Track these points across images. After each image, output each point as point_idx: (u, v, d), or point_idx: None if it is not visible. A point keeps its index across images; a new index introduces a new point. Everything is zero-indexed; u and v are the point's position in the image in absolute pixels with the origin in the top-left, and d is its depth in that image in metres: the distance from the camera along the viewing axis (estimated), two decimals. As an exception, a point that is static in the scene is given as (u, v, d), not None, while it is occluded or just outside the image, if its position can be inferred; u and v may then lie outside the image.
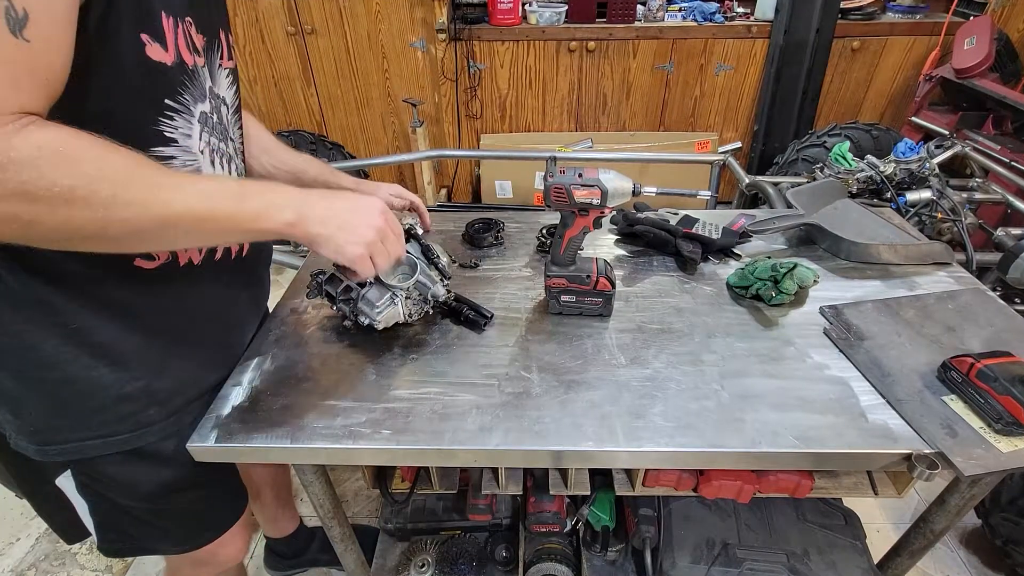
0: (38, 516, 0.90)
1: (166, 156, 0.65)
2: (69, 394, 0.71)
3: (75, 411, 0.72)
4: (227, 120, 0.80)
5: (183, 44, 0.63)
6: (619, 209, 1.21)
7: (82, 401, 0.72)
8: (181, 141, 0.67)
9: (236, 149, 0.84)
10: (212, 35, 0.72)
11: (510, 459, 0.80)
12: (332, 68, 2.78)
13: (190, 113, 0.67)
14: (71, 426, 0.73)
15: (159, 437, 0.78)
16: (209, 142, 0.71)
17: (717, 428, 0.77)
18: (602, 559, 1.21)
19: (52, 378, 0.69)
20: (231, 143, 0.82)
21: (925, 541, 0.96)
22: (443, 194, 3.04)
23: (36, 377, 0.69)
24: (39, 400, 0.71)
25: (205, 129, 0.70)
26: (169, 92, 0.64)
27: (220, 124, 0.75)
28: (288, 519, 1.45)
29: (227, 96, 0.79)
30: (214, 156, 0.72)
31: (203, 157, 0.71)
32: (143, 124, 0.63)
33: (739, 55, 2.69)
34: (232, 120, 0.82)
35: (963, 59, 2.26)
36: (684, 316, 0.98)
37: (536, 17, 2.59)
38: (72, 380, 0.70)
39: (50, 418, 0.72)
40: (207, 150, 0.71)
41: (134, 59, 0.58)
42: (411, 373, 0.87)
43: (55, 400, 0.71)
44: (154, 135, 0.64)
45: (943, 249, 1.12)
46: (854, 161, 1.89)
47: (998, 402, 0.74)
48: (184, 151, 0.67)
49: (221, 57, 0.76)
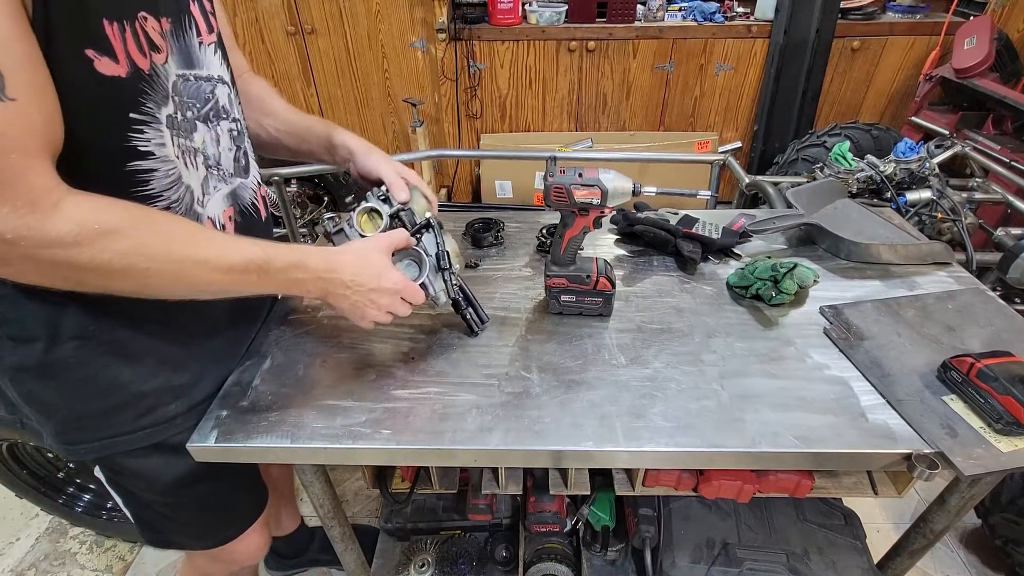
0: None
1: (146, 170, 0.64)
2: (91, 393, 0.72)
3: (98, 409, 0.73)
4: (230, 99, 0.79)
5: (133, 49, 0.59)
6: (619, 209, 1.21)
7: (104, 399, 0.73)
8: (157, 152, 0.64)
9: (242, 127, 0.83)
10: (180, 12, 0.68)
11: (510, 459, 0.80)
12: (332, 68, 2.78)
13: (157, 121, 0.64)
14: (96, 424, 0.74)
15: (181, 430, 0.78)
16: (179, 144, 0.68)
17: (717, 428, 0.77)
18: (602, 559, 1.21)
19: (73, 378, 0.70)
20: (237, 122, 0.81)
21: (925, 541, 0.96)
22: (443, 194, 3.04)
23: (58, 378, 0.70)
24: (63, 401, 0.72)
25: (174, 132, 0.67)
26: (131, 105, 0.60)
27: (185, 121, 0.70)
28: (289, 518, 1.45)
29: (223, 74, 0.77)
30: (186, 158, 0.70)
31: (179, 162, 0.68)
32: (114, 143, 0.61)
33: (739, 55, 2.69)
34: (234, 98, 0.80)
35: (963, 59, 2.26)
36: (684, 316, 0.98)
37: (536, 17, 2.59)
38: (92, 379, 0.71)
39: (75, 418, 0.73)
40: (180, 153, 0.68)
41: (85, 78, 0.55)
42: (411, 373, 0.87)
43: (78, 400, 0.72)
44: (129, 151, 0.62)
45: (943, 249, 1.12)
46: (854, 161, 1.89)
47: (998, 402, 0.74)
48: (163, 161, 0.65)
49: (199, 34, 0.71)
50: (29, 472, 1.46)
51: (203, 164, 0.74)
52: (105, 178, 0.61)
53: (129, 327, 0.71)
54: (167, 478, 0.82)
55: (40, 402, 0.73)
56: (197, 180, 0.73)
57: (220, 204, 0.78)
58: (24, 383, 0.71)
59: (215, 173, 0.77)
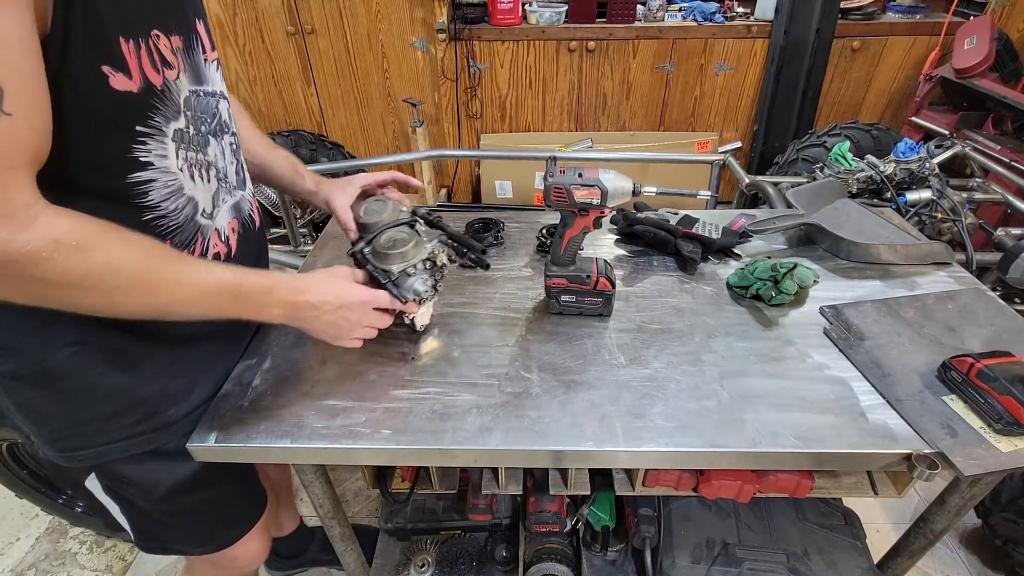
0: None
1: (145, 180, 0.64)
2: (87, 400, 0.72)
3: (95, 416, 0.73)
4: (229, 114, 0.80)
5: (148, 66, 0.61)
6: (619, 209, 1.21)
7: (101, 406, 0.73)
8: (158, 163, 0.65)
9: (238, 141, 0.84)
10: (189, 31, 0.70)
11: (510, 459, 0.80)
12: (332, 68, 2.78)
13: (163, 134, 0.65)
14: (93, 431, 0.74)
15: (179, 436, 0.78)
16: (187, 158, 0.69)
17: (717, 428, 0.77)
18: (602, 559, 1.21)
19: (69, 386, 0.70)
20: (235, 136, 0.82)
21: (925, 541, 0.96)
22: (443, 194, 3.04)
23: (54, 386, 0.70)
24: (59, 408, 0.72)
25: (182, 146, 0.68)
26: (139, 118, 0.62)
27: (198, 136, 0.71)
28: (289, 519, 1.45)
29: (223, 89, 0.78)
30: (193, 171, 0.70)
31: (183, 175, 0.69)
32: (115, 154, 0.61)
33: (739, 55, 2.69)
34: (231, 113, 0.81)
35: (963, 59, 2.26)
36: (684, 316, 0.98)
37: (536, 17, 2.59)
38: (88, 387, 0.71)
39: (72, 425, 0.73)
40: (185, 167, 0.69)
41: (99, 93, 0.56)
42: (411, 373, 0.87)
43: (74, 407, 0.72)
44: (129, 162, 0.62)
45: (943, 249, 1.12)
46: (854, 161, 1.89)
47: (998, 402, 0.74)
48: (163, 172, 0.66)
49: (204, 51, 0.73)
50: (29, 472, 1.46)
51: (215, 177, 0.76)
52: (103, 187, 0.61)
53: (125, 334, 0.71)
54: (165, 484, 0.81)
55: (35, 410, 0.72)
56: (208, 193, 0.74)
57: (226, 216, 0.80)
58: (19, 391, 0.71)
59: (224, 186, 0.78)
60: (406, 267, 0.85)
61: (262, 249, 0.94)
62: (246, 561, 1.00)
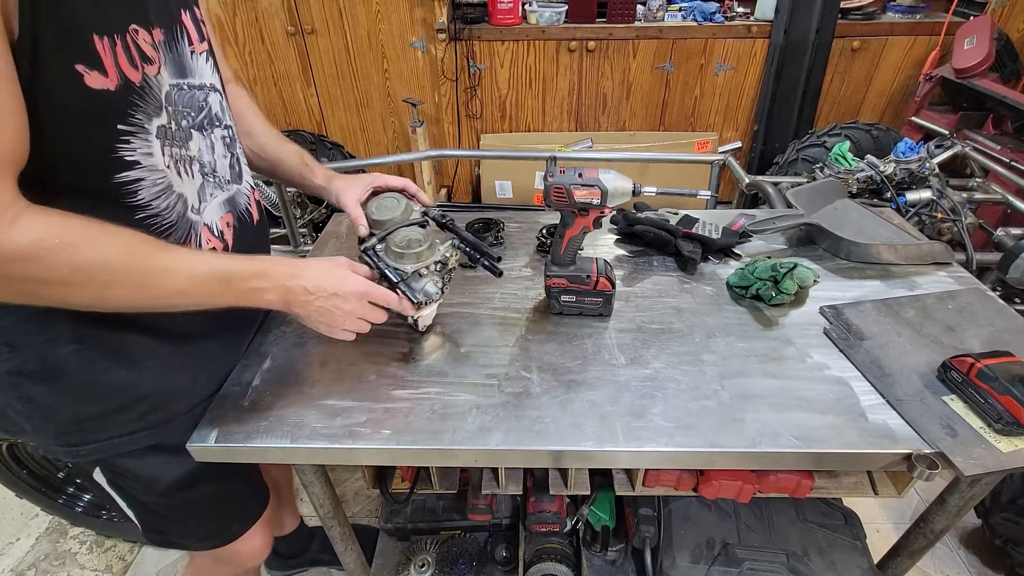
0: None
1: (132, 180, 0.64)
2: (90, 396, 0.72)
3: (98, 412, 0.74)
4: (222, 106, 0.79)
5: (125, 62, 0.59)
6: (619, 209, 1.21)
7: (104, 402, 0.73)
8: (144, 162, 0.64)
9: (234, 134, 0.83)
10: (172, 23, 0.68)
11: (510, 459, 0.80)
12: (332, 68, 2.77)
13: (146, 132, 0.64)
14: (98, 427, 0.74)
15: (181, 431, 0.78)
16: (172, 154, 0.68)
17: (717, 428, 0.77)
18: (602, 559, 1.21)
19: (72, 382, 0.71)
20: (229, 129, 0.81)
21: (925, 541, 0.96)
22: (443, 194, 3.04)
23: (57, 383, 0.70)
24: (64, 405, 0.72)
25: (166, 143, 0.67)
26: (119, 117, 0.61)
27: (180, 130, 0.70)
28: (289, 518, 1.45)
29: (215, 82, 0.77)
30: (179, 167, 0.70)
31: (171, 172, 0.68)
32: (99, 154, 0.61)
33: (739, 55, 2.69)
34: (225, 105, 0.80)
35: (963, 59, 2.26)
36: (684, 316, 0.98)
37: (536, 17, 2.59)
38: (91, 383, 0.71)
39: (76, 420, 0.74)
40: (172, 163, 0.68)
41: (74, 92, 0.55)
42: (411, 373, 0.87)
43: (78, 403, 0.72)
44: (114, 162, 0.62)
45: (943, 249, 1.12)
46: (854, 161, 1.89)
47: (998, 402, 0.74)
48: (150, 171, 0.65)
49: (190, 43, 0.72)
50: (29, 472, 1.46)
51: (199, 172, 0.74)
52: (91, 188, 0.61)
53: (126, 330, 0.71)
54: (168, 479, 0.82)
55: (39, 406, 0.72)
56: (193, 188, 0.73)
57: (217, 211, 0.79)
58: (23, 388, 0.71)
59: (211, 180, 0.77)
60: (419, 268, 0.84)
61: (261, 244, 0.93)
62: (248, 557, 1.00)
